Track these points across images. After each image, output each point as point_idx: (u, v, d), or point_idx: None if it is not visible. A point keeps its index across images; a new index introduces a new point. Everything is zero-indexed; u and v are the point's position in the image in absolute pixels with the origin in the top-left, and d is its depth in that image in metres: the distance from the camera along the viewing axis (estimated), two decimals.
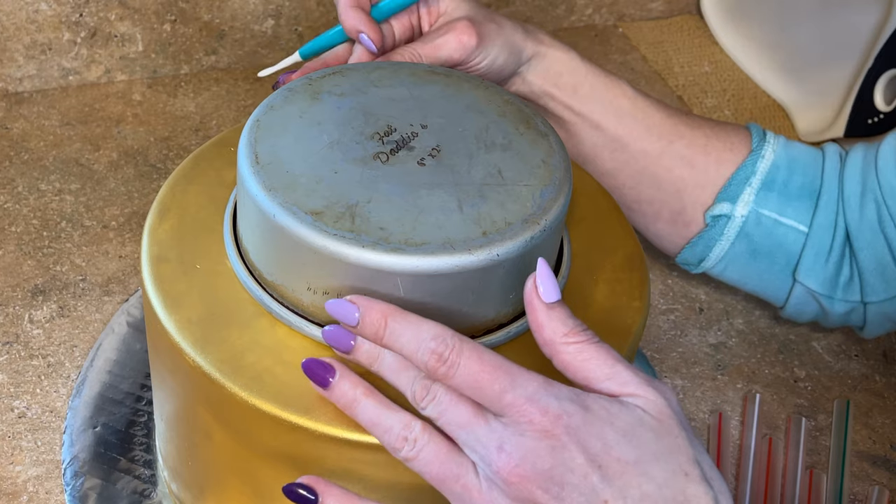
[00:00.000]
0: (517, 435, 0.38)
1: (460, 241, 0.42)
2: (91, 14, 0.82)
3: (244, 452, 0.45)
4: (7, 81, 0.83)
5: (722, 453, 0.63)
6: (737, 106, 0.93)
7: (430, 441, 0.39)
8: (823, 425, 0.66)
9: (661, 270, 0.76)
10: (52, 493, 0.57)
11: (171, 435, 0.51)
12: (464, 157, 0.46)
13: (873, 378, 0.70)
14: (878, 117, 0.84)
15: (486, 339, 0.45)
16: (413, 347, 0.40)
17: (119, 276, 0.69)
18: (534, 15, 0.98)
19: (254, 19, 0.87)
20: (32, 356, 0.64)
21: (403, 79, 0.51)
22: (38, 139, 0.79)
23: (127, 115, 0.83)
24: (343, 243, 0.42)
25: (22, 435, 0.60)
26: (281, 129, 0.47)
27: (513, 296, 0.45)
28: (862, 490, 0.63)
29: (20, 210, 0.73)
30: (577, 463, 0.37)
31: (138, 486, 0.58)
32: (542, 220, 0.44)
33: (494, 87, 0.52)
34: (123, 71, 0.86)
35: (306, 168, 0.45)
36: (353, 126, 0.47)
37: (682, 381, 0.68)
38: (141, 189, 0.76)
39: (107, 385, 0.62)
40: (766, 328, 0.72)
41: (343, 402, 0.41)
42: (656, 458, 0.38)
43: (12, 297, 0.67)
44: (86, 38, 0.83)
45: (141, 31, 0.84)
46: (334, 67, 0.51)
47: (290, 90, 0.49)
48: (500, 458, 0.38)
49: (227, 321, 0.45)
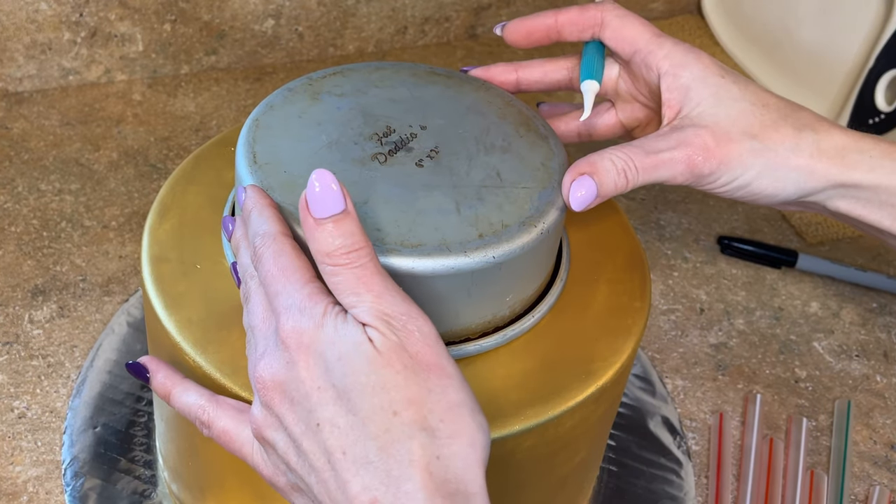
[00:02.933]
0: (273, 344, 0.39)
1: (456, 242, 0.42)
2: (91, 14, 0.81)
3: None
4: (7, 81, 0.83)
5: (723, 454, 0.63)
6: None
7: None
8: (824, 426, 0.66)
9: (661, 271, 0.76)
10: (52, 494, 0.57)
11: (171, 435, 0.51)
12: (463, 158, 0.46)
13: (874, 378, 0.70)
14: (879, 117, 0.83)
15: (482, 342, 0.45)
16: (249, 237, 0.41)
17: (119, 276, 0.69)
18: None
19: (254, 19, 0.87)
20: (32, 356, 0.64)
21: (404, 79, 0.51)
22: (38, 139, 0.79)
23: (127, 115, 0.83)
24: None
25: (22, 435, 0.59)
26: (280, 129, 0.47)
27: (509, 298, 0.45)
28: (863, 490, 0.63)
29: (20, 210, 0.73)
30: (303, 381, 0.38)
31: (138, 487, 0.58)
32: (539, 223, 0.44)
33: (496, 88, 0.52)
34: (123, 71, 0.86)
35: (305, 168, 0.45)
36: (353, 127, 0.47)
37: (683, 381, 0.68)
38: (141, 189, 0.76)
39: (107, 385, 0.62)
40: (766, 328, 0.72)
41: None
42: (365, 391, 0.37)
43: (12, 297, 0.67)
44: (86, 38, 0.83)
45: (141, 31, 0.84)
46: (335, 68, 0.51)
47: (290, 90, 0.49)
48: (259, 364, 0.39)
49: (227, 321, 0.45)
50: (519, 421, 0.43)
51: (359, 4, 0.90)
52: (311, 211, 0.38)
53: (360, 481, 0.36)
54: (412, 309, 0.38)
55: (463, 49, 0.96)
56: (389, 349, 0.37)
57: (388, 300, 0.38)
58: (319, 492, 0.38)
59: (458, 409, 0.37)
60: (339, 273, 0.38)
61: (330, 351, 0.37)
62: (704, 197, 0.83)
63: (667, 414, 0.65)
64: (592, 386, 0.45)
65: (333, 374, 0.37)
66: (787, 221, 0.81)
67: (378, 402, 0.37)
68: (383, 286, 0.38)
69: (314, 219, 0.38)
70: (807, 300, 0.75)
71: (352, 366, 0.37)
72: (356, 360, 0.37)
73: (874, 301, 0.76)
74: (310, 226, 0.39)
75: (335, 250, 0.38)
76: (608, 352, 0.47)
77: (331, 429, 0.37)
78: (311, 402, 0.37)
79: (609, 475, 0.62)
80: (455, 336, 0.45)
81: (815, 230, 0.81)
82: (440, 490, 0.36)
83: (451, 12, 0.94)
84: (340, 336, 0.37)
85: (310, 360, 0.38)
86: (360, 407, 0.37)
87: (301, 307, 0.38)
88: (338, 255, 0.38)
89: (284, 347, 0.38)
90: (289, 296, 0.39)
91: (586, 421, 0.47)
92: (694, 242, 0.78)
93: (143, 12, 0.83)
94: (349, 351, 0.37)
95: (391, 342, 0.37)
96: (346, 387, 0.37)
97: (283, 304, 0.39)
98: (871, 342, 0.72)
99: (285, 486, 0.40)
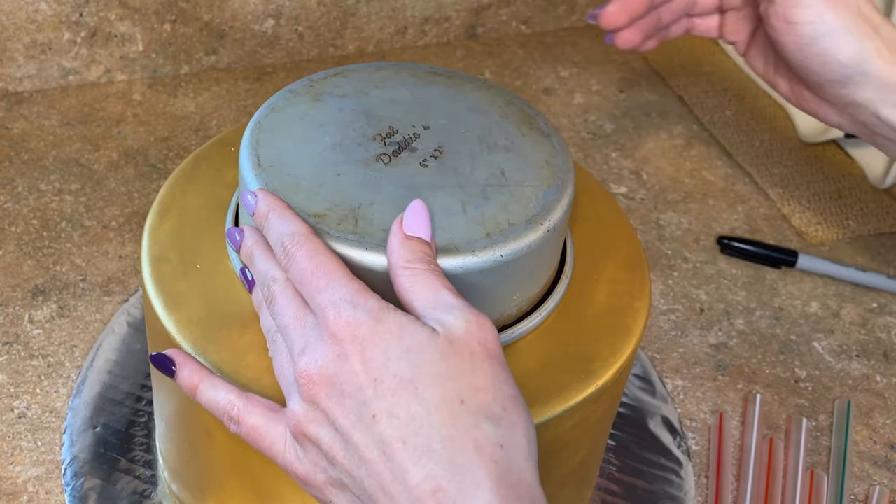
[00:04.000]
0: (317, 339, 0.39)
1: (464, 242, 0.42)
2: (91, 14, 0.81)
3: (244, 452, 0.45)
4: (7, 81, 0.83)
5: (723, 454, 0.63)
6: (737, 106, 0.93)
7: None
8: (824, 426, 0.66)
9: (661, 271, 0.76)
10: (52, 494, 0.57)
11: (171, 435, 0.51)
12: (466, 158, 0.46)
13: (874, 378, 0.70)
14: None
15: None
16: (273, 239, 0.42)
17: (119, 276, 0.69)
18: (534, 15, 0.98)
19: (254, 19, 0.87)
20: (32, 356, 0.64)
21: (405, 80, 0.51)
22: (38, 139, 0.79)
23: (127, 115, 0.83)
24: (346, 245, 0.42)
25: (22, 435, 0.59)
26: (283, 131, 0.47)
27: (517, 297, 0.45)
28: (863, 490, 0.63)
29: (20, 210, 0.73)
30: (356, 373, 0.37)
31: (138, 487, 0.58)
32: (545, 221, 0.44)
33: (497, 87, 0.52)
34: (123, 71, 0.86)
35: (309, 170, 0.45)
36: (355, 128, 0.47)
37: (683, 381, 0.68)
38: (141, 189, 0.76)
39: (107, 385, 0.62)
40: (766, 328, 0.72)
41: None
42: (434, 380, 0.37)
43: (12, 297, 0.67)
44: (86, 38, 0.83)
45: (141, 31, 0.84)
46: (335, 68, 0.51)
47: (292, 92, 0.49)
48: (300, 359, 0.39)
49: (227, 321, 0.45)
50: None
51: (359, 4, 0.90)
52: (405, 226, 0.41)
53: (422, 470, 0.36)
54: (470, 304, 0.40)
55: (463, 49, 0.96)
56: (459, 339, 0.38)
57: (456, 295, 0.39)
58: (371, 485, 0.37)
59: (516, 399, 0.38)
60: (417, 275, 0.40)
61: (395, 343, 0.37)
62: (704, 197, 0.83)
63: (667, 414, 0.65)
64: (592, 386, 0.45)
65: (397, 365, 0.37)
66: (788, 221, 0.81)
67: (445, 391, 0.37)
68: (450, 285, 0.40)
69: (405, 234, 0.41)
70: (807, 300, 0.75)
71: (421, 356, 0.37)
72: (426, 351, 0.37)
73: (874, 301, 0.76)
74: (397, 237, 0.41)
75: (415, 259, 0.40)
76: (608, 352, 0.47)
77: (388, 419, 0.37)
78: (366, 395, 0.37)
79: (609, 475, 0.62)
80: None
81: (816, 230, 0.81)
82: (504, 479, 0.36)
83: (451, 12, 0.94)
84: (407, 329, 0.38)
85: (366, 353, 0.38)
86: (425, 396, 0.37)
87: (353, 302, 0.38)
88: (417, 262, 0.40)
89: (335, 341, 0.38)
90: (335, 291, 0.39)
91: (586, 421, 0.47)
92: (694, 242, 0.79)
93: (143, 12, 0.83)
94: (419, 342, 0.37)
95: (460, 332, 0.38)
96: (412, 377, 0.37)
97: (328, 300, 0.39)
98: (871, 342, 0.73)
99: (324, 483, 0.39)
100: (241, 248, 0.44)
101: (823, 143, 0.89)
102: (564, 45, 0.99)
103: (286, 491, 0.46)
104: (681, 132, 0.90)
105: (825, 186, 0.85)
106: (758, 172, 0.86)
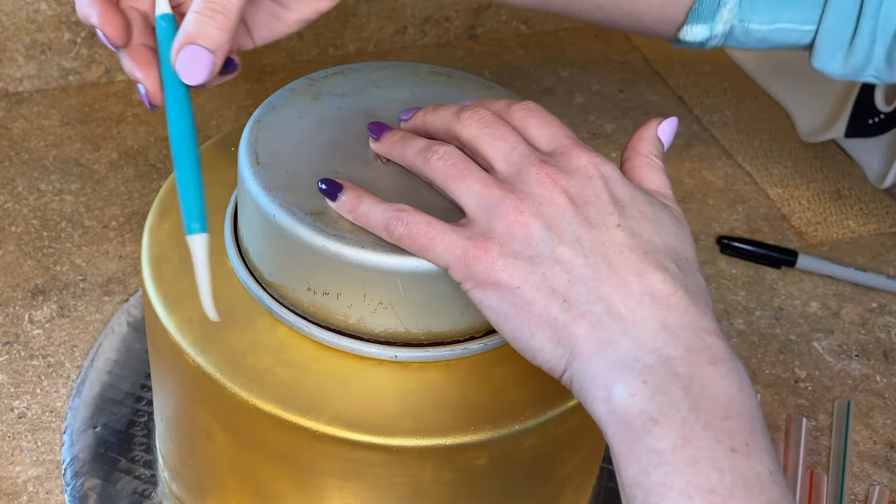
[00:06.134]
0: (560, 163, 0.41)
1: None
2: None
3: (244, 452, 0.45)
4: (7, 81, 0.83)
5: None
6: (737, 106, 0.93)
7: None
8: (824, 425, 0.66)
9: None
10: (52, 493, 0.57)
11: (171, 435, 0.51)
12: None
13: (874, 378, 0.70)
14: (878, 117, 0.83)
15: (487, 340, 0.45)
16: (450, 118, 0.44)
17: (119, 276, 0.69)
18: (533, 15, 0.98)
19: None
20: (32, 356, 0.64)
21: (405, 79, 0.51)
22: (38, 139, 0.79)
23: (127, 115, 0.83)
24: (343, 244, 0.42)
25: (22, 435, 0.59)
26: (282, 129, 0.47)
27: None
28: (863, 490, 0.63)
29: (20, 210, 0.73)
30: (603, 198, 0.39)
31: (138, 487, 0.58)
32: None
33: (497, 87, 0.52)
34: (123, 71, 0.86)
35: (307, 169, 0.45)
36: (354, 127, 0.47)
37: None
38: (141, 189, 0.76)
39: (107, 385, 0.62)
40: (766, 328, 0.72)
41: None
42: (668, 232, 0.40)
43: (12, 297, 0.67)
44: (86, 38, 0.83)
45: None
46: (335, 68, 0.51)
47: (291, 90, 0.49)
48: (542, 166, 0.40)
49: (228, 321, 0.45)
50: (519, 421, 0.43)
51: (359, 4, 0.90)
52: (660, 132, 0.44)
53: (662, 274, 0.38)
54: None
55: (463, 49, 0.96)
56: (682, 217, 0.42)
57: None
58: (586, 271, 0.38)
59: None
60: (653, 164, 0.44)
61: (638, 191, 0.41)
62: (704, 196, 0.83)
63: None
64: None
65: (641, 203, 0.40)
66: (787, 221, 0.81)
67: (676, 245, 0.40)
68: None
69: (658, 133, 0.44)
70: (806, 300, 0.75)
71: (661, 210, 0.41)
72: (664, 211, 0.41)
73: (874, 301, 0.76)
74: (653, 129, 0.44)
75: (657, 152, 0.44)
76: None
77: (631, 235, 0.39)
78: (610, 209, 0.39)
79: (609, 475, 0.62)
80: (460, 335, 0.45)
81: (815, 230, 0.81)
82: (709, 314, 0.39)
83: (451, 12, 0.94)
84: (649, 196, 0.41)
85: (611, 187, 0.40)
86: (664, 237, 0.40)
87: (586, 149, 0.41)
88: (657, 156, 0.44)
89: (581, 167, 0.40)
90: (579, 141, 0.42)
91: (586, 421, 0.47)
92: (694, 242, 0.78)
93: None
94: (659, 204, 0.41)
95: (681, 217, 0.43)
96: (655, 218, 0.40)
97: (571, 139, 0.41)
98: (871, 342, 0.73)
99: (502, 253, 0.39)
100: (413, 121, 0.46)
101: (823, 143, 0.89)
102: (564, 45, 0.99)
103: (286, 491, 0.46)
104: (681, 132, 0.90)
105: (825, 186, 0.85)
106: (758, 172, 0.86)
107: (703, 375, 0.36)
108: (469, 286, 0.40)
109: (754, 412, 0.37)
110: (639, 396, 0.36)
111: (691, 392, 0.36)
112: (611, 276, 0.38)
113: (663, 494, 0.35)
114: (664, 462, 0.35)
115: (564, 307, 0.38)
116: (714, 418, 0.35)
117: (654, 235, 0.39)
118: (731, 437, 0.35)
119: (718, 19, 0.60)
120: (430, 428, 0.42)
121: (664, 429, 0.35)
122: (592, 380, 0.37)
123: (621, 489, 0.37)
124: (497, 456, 0.44)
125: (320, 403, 0.42)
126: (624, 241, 0.39)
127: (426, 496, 0.44)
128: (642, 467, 0.35)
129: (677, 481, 0.35)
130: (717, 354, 0.37)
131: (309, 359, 0.44)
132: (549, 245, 0.38)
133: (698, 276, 0.40)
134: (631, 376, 0.36)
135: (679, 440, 0.35)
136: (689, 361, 0.37)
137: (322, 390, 0.43)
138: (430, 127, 0.45)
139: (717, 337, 0.38)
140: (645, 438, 0.35)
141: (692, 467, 0.35)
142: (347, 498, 0.44)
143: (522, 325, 0.38)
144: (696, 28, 0.61)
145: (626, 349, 0.37)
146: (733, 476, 0.35)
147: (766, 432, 0.36)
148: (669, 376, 0.36)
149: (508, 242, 0.39)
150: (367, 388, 0.43)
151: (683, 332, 0.37)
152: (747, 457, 0.35)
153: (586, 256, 0.38)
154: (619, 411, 0.36)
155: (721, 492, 0.34)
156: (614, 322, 0.37)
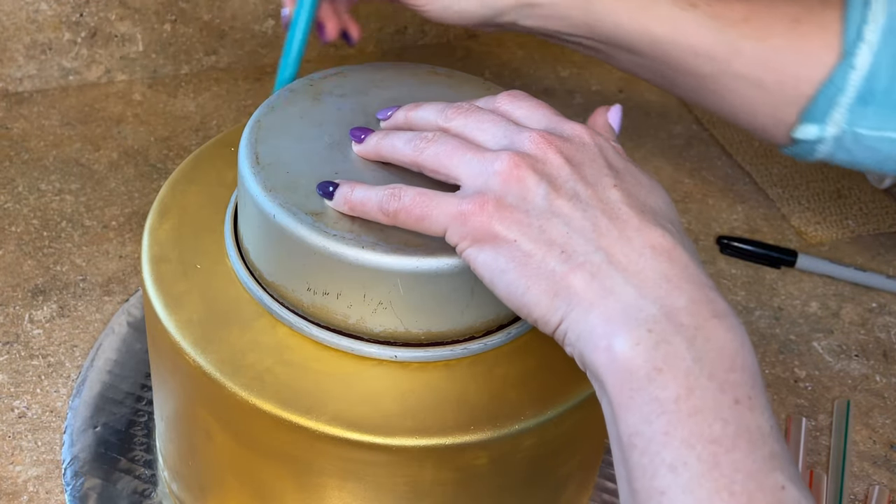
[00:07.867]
0: (554, 131, 0.42)
1: None
2: (91, 14, 0.81)
3: (244, 452, 0.45)
4: (7, 81, 0.83)
5: None
6: None
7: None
8: (824, 425, 0.66)
9: None
10: (52, 493, 0.57)
11: (171, 435, 0.51)
12: None
13: (873, 378, 0.70)
14: None
15: (487, 340, 0.45)
16: (434, 111, 0.45)
17: (119, 276, 0.69)
18: None
19: (254, 19, 0.87)
20: (32, 356, 0.64)
21: (405, 80, 0.51)
22: (38, 139, 0.79)
23: (127, 115, 0.83)
24: (343, 244, 0.42)
25: (22, 435, 0.60)
26: (282, 129, 0.47)
27: None
28: (862, 490, 0.63)
29: (20, 210, 0.73)
30: (599, 162, 0.40)
31: (138, 486, 0.58)
32: None
33: (496, 88, 0.52)
34: (123, 71, 0.86)
35: (307, 169, 0.45)
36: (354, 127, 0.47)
37: None
38: (141, 189, 0.76)
39: (107, 385, 0.62)
40: (766, 328, 0.72)
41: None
42: (660, 197, 0.41)
43: (12, 297, 0.67)
44: (86, 38, 0.83)
45: (141, 31, 0.84)
46: (335, 68, 0.51)
47: (291, 91, 0.49)
48: (536, 131, 0.41)
49: (228, 321, 0.45)
50: (519, 421, 0.43)
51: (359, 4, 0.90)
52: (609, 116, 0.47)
53: (659, 230, 0.38)
54: None
55: (463, 49, 0.96)
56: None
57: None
58: (584, 222, 0.38)
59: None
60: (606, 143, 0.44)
61: (627, 161, 0.42)
62: (704, 196, 0.83)
63: None
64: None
65: (633, 173, 0.41)
66: (787, 221, 0.81)
67: (665, 211, 0.40)
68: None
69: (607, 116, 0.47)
70: (806, 300, 0.75)
71: (653, 182, 0.41)
72: (657, 185, 0.42)
73: (874, 301, 0.76)
74: (604, 118, 0.47)
75: (611, 136, 0.45)
76: None
77: (627, 195, 0.39)
78: (606, 172, 0.40)
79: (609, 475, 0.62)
80: (459, 335, 0.45)
81: (815, 230, 0.81)
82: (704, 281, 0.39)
83: None
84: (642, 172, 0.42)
85: (606, 154, 0.41)
86: (657, 201, 0.40)
87: (578, 122, 0.43)
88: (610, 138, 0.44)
89: (577, 138, 0.41)
90: (557, 114, 0.43)
91: (586, 421, 0.47)
92: (693, 242, 0.79)
93: (143, 12, 0.83)
94: (648, 175, 0.42)
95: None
96: (649, 186, 0.41)
97: (560, 115, 0.43)
98: (871, 342, 0.73)
99: (498, 207, 0.39)
100: (394, 118, 0.46)
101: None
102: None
103: (286, 491, 0.46)
104: (681, 132, 0.90)
105: (825, 186, 0.85)
106: (757, 172, 0.86)
107: (706, 327, 0.36)
108: (465, 245, 0.39)
109: (755, 368, 0.36)
110: (643, 346, 0.36)
111: (695, 343, 0.36)
112: (610, 228, 0.38)
113: (665, 443, 0.35)
114: (667, 411, 0.35)
115: (562, 258, 0.38)
116: (718, 370, 0.35)
117: (648, 198, 0.40)
118: (734, 389, 0.35)
119: (830, 121, 0.60)
120: (429, 428, 0.42)
121: (668, 378, 0.35)
122: (592, 330, 0.37)
123: (616, 442, 0.37)
124: (497, 456, 0.44)
125: (320, 403, 0.42)
126: (621, 199, 0.39)
127: (426, 496, 0.44)
128: (644, 416, 0.35)
129: (680, 430, 0.35)
130: (720, 309, 0.37)
131: (309, 359, 0.44)
132: (546, 198, 0.39)
133: (691, 242, 0.40)
134: (634, 325, 0.36)
135: (683, 390, 0.35)
136: (693, 312, 0.36)
137: (322, 390, 0.43)
138: (415, 124, 0.45)
139: (717, 293, 0.38)
140: (648, 387, 0.35)
141: (695, 417, 0.35)
142: (347, 498, 0.45)
143: (518, 280, 0.38)
144: (808, 128, 0.61)
145: (628, 298, 0.37)
146: (736, 427, 0.35)
147: (766, 391, 0.36)
148: (674, 326, 0.36)
149: (505, 196, 0.39)
150: (366, 387, 0.43)
151: (686, 284, 0.37)
152: (751, 409, 0.35)
153: (584, 210, 0.38)
154: (621, 360, 0.36)
155: (724, 442, 0.34)
156: (615, 271, 0.37)
